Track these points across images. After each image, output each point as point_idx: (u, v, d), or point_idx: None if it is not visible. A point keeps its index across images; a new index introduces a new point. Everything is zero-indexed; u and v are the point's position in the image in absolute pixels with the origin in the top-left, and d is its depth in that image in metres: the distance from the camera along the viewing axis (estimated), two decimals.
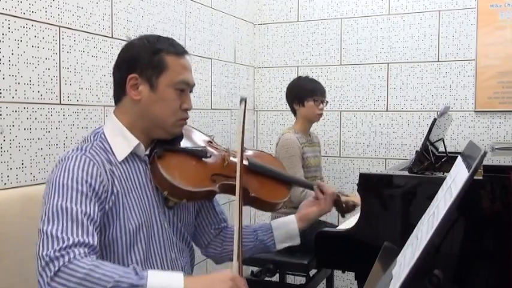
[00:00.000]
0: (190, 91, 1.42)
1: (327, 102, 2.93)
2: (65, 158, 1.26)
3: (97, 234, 1.19)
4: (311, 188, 1.71)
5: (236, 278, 1.20)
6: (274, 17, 3.64)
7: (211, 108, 3.16)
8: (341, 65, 3.46)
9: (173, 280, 1.13)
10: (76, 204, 1.17)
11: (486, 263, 1.74)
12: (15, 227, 1.49)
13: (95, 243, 1.16)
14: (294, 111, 2.90)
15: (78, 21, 2.11)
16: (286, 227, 1.60)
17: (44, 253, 1.09)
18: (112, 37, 2.29)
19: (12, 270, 1.47)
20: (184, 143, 1.47)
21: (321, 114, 2.88)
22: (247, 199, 1.47)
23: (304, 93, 2.82)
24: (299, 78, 2.97)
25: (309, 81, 2.89)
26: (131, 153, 1.34)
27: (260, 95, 3.68)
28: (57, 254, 1.08)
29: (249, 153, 1.64)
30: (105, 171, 1.26)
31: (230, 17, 3.35)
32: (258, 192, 1.50)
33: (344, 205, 1.75)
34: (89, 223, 1.16)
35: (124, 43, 1.46)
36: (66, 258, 1.07)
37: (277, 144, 2.83)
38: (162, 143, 1.40)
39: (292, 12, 3.59)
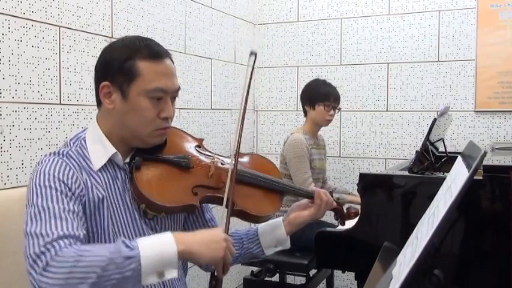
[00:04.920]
0: (175, 97, 1.33)
1: (340, 109, 2.89)
2: (41, 162, 1.23)
3: (83, 226, 1.17)
4: (308, 196, 1.56)
5: (228, 238, 1.21)
6: (274, 17, 3.64)
7: (211, 108, 3.16)
8: (341, 65, 3.46)
9: (165, 246, 1.10)
10: (57, 202, 1.15)
11: (486, 263, 1.74)
12: (15, 227, 1.48)
13: (80, 234, 1.13)
14: (305, 112, 2.90)
15: (78, 21, 2.11)
16: (273, 233, 1.50)
17: (31, 252, 1.07)
18: (112, 37, 2.29)
19: (13, 270, 1.47)
20: (167, 150, 1.37)
21: (330, 120, 2.86)
22: (232, 211, 1.35)
23: (316, 96, 2.81)
24: (316, 80, 2.93)
25: (324, 85, 2.86)
26: (110, 161, 1.29)
27: (260, 95, 3.68)
28: (43, 249, 1.06)
29: (240, 159, 1.49)
30: (82, 177, 1.23)
31: (230, 17, 3.35)
32: (244, 205, 1.39)
33: (345, 212, 1.63)
34: (73, 217, 1.14)
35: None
36: (53, 251, 1.05)
37: (284, 142, 2.83)
38: (142, 151, 1.32)
39: (292, 12, 3.59)
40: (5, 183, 1.81)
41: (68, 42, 2.07)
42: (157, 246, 1.10)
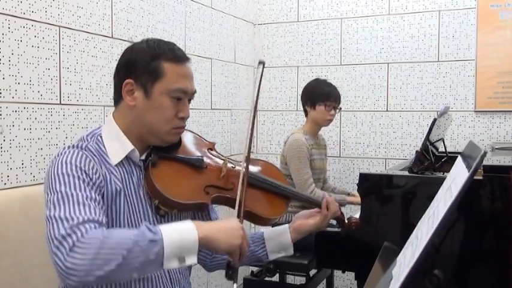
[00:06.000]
0: (191, 99, 1.39)
1: (340, 108, 2.89)
2: (60, 153, 1.26)
3: (104, 214, 1.20)
4: (315, 204, 1.61)
5: (244, 228, 1.26)
6: (274, 17, 3.64)
7: (211, 108, 3.16)
8: (341, 65, 3.46)
9: (187, 232, 1.14)
10: (80, 190, 1.18)
11: (486, 263, 1.74)
12: (15, 227, 1.49)
13: (103, 220, 1.17)
14: (306, 112, 2.89)
15: (78, 21, 2.11)
16: (278, 238, 1.54)
17: (55, 234, 1.09)
18: (112, 37, 2.29)
19: (12, 270, 1.47)
20: (182, 150, 1.43)
21: (330, 120, 2.86)
22: (239, 212, 1.38)
23: (316, 96, 2.80)
24: (316, 80, 2.92)
25: (325, 85, 2.85)
26: (126, 157, 1.33)
27: (260, 95, 3.67)
28: (69, 231, 1.08)
29: (250, 164, 1.55)
30: (101, 170, 1.26)
31: (230, 17, 3.35)
32: (252, 207, 1.44)
33: (346, 222, 1.65)
34: (95, 205, 1.18)
35: (124, 43, 1.45)
36: (79, 233, 1.08)
37: (285, 143, 2.83)
38: (157, 150, 1.37)
39: (292, 12, 3.59)
40: (5, 183, 1.81)
41: (68, 42, 2.07)
42: (179, 232, 1.14)
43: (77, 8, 2.10)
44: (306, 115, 2.90)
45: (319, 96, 2.80)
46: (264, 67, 1.44)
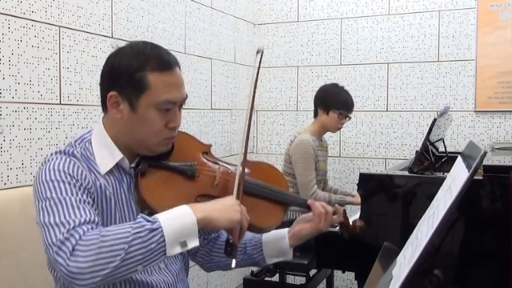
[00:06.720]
0: (182, 105, 1.32)
1: (350, 118, 2.90)
2: (47, 160, 1.23)
3: (97, 216, 1.18)
4: (307, 207, 1.53)
5: (241, 205, 1.24)
6: (274, 17, 3.64)
7: (211, 108, 3.16)
8: (341, 65, 3.46)
9: (185, 216, 1.13)
10: (71, 194, 1.16)
11: (486, 263, 1.74)
12: (15, 227, 1.49)
13: (98, 221, 1.15)
14: (316, 114, 2.89)
15: (78, 21, 2.11)
16: (276, 243, 1.49)
17: (53, 240, 1.08)
18: (112, 37, 2.29)
19: (12, 270, 1.47)
20: (174, 156, 1.36)
21: (339, 128, 2.89)
22: None
23: (332, 103, 2.80)
24: (335, 86, 2.89)
25: (344, 93, 2.85)
26: (116, 165, 1.29)
27: (260, 95, 3.68)
28: (67, 235, 1.07)
29: (246, 169, 1.45)
30: (90, 176, 1.24)
31: (230, 17, 3.35)
32: (248, 217, 1.32)
33: (351, 225, 1.59)
34: (89, 207, 1.16)
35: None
36: (77, 236, 1.07)
37: (291, 142, 2.83)
38: (148, 157, 1.32)
39: (292, 12, 3.59)
40: (5, 183, 1.81)
41: (68, 42, 2.07)
42: (177, 217, 1.13)
43: (77, 8, 2.10)
44: (315, 116, 2.90)
45: (335, 103, 2.79)
46: (262, 56, 1.39)
